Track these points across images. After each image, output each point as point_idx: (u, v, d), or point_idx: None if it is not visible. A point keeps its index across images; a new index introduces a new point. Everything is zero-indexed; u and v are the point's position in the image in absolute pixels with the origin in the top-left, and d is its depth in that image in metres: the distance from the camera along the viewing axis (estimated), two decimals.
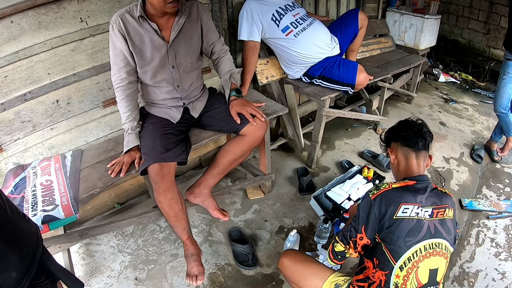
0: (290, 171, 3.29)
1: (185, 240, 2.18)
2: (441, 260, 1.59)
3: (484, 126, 4.14)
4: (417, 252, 1.54)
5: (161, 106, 2.28)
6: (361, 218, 1.66)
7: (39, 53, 2.13)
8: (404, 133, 1.78)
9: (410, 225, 1.55)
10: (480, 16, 5.24)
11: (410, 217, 1.56)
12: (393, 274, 1.55)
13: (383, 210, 1.59)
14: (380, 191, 1.64)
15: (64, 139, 2.42)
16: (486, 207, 2.88)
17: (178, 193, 2.11)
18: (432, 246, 1.56)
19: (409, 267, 1.54)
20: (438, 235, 1.58)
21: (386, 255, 1.57)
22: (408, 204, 1.58)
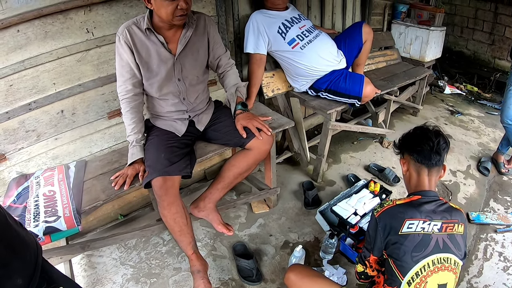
0: (296, 185, 3.26)
1: (190, 256, 2.13)
2: (450, 276, 1.56)
3: (490, 138, 4.12)
4: (425, 267, 1.52)
5: (166, 119, 2.26)
6: (371, 238, 1.66)
7: (45, 62, 2.12)
8: (418, 148, 1.71)
9: (416, 240, 1.53)
10: (485, 27, 5.24)
11: (416, 232, 1.54)
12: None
13: (387, 227, 1.59)
14: (384, 208, 1.64)
15: (68, 150, 2.41)
16: (493, 221, 2.85)
17: (183, 206, 2.09)
18: (440, 260, 1.54)
19: (417, 282, 1.52)
20: (447, 250, 1.55)
21: (393, 270, 1.56)
22: (413, 219, 1.56)
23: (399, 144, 1.86)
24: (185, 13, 1.90)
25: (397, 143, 1.88)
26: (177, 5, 1.83)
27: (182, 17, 1.91)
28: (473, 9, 5.28)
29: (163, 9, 1.85)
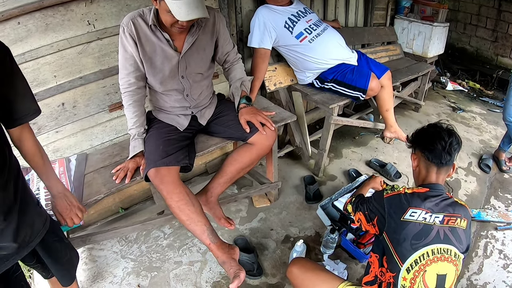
0: (297, 180, 3.26)
1: (208, 246, 1.95)
2: (449, 267, 1.56)
3: (492, 135, 4.11)
4: (424, 255, 1.54)
5: (169, 113, 2.25)
6: (372, 205, 1.77)
7: (46, 55, 2.11)
8: (431, 146, 1.72)
9: (416, 229, 1.56)
10: (488, 24, 5.22)
11: (417, 221, 1.57)
12: (400, 277, 1.55)
13: (391, 211, 1.63)
14: (394, 193, 1.69)
15: (69, 143, 2.40)
16: (494, 218, 2.85)
17: (187, 193, 1.98)
18: (440, 251, 1.55)
19: (415, 270, 1.53)
20: (448, 241, 1.56)
21: (393, 256, 1.58)
22: (416, 208, 1.59)
23: (411, 139, 1.88)
24: (183, 28, 1.88)
25: (410, 138, 1.89)
26: (178, 20, 1.79)
27: (179, 30, 1.89)
28: (476, 5, 5.26)
29: (164, 17, 1.84)
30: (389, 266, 1.61)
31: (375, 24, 4.40)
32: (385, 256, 1.64)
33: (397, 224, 1.59)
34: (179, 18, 1.74)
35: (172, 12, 1.72)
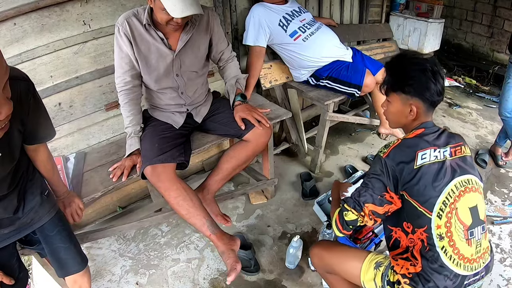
0: (293, 176, 3.27)
1: (209, 237, 2.00)
2: (476, 196, 1.52)
3: (488, 130, 4.12)
4: (450, 193, 1.46)
5: (164, 111, 2.26)
6: (373, 183, 1.55)
7: (42, 55, 2.12)
8: (425, 91, 1.54)
9: (433, 170, 1.47)
10: (484, 20, 5.22)
11: (430, 161, 1.48)
12: (433, 227, 1.46)
13: (399, 166, 1.49)
14: (391, 147, 1.54)
15: (66, 142, 2.41)
16: (490, 213, 2.86)
17: (185, 189, 2.00)
18: (462, 183, 1.49)
19: (447, 212, 1.46)
20: (464, 172, 1.50)
21: (418, 210, 1.48)
22: (424, 150, 1.49)
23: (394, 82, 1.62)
24: (178, 25, 1.90)
25: (388, 81, 1.65)
26: (173, 18, 1.82)
27: (175, 27, 1.91)
28: (472, 1, 5.26)
29: (159, 15, 1.85)
30: (416, 224, 1.50)
31: (370, 21, 4.41)
32: (407, 221, 1.53)
33: (413, 174, 1.46)
34: (174, 15, 1.76)
35: (167, 9, 1.74)
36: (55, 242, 1.65)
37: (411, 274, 1.52)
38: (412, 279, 1.51)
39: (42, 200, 1.60)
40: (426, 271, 1.48)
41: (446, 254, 1.47)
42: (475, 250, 1.50)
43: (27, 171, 1.57)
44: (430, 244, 1.48)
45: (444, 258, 1.47)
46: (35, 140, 1.52)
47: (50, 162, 1.70)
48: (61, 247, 1.66)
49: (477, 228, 1.50)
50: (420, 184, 1.46)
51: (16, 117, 1.29)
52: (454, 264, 1.47)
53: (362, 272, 1.66)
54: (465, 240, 1.48)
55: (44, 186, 1.67)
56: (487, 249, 1.57)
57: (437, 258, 1.47)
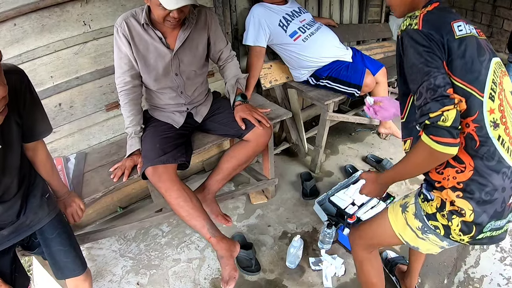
0: (294, 176, 3.28)
1: (209, 240, 2.01)
2: (509, 80, 1.37)
3: None
4: (496, 71, 1.27)
5: (164, 111, 2.27)
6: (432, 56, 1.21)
7: (42, 56, 2.12)
8: None
9: (474, 42, 1.26)
10: (483, 19, 5.21)
11: (467, 34, 1.26)
12: (485, 112, 1.23)
13: (440, 32, 1.22)
14: (420, 17, 1.26)
15: (67, 143, 2.41)
16: None
17: (185, 190, 2.02)
18: (499, 64, 1.32)
19: (498, 93, 1.26)
20: (494, 54, 1.32)
21: (468, 92, 1.22)
22: (457, 21, 1.27)
23: None
24: (176, 21, 1.89)
25: None
26: (170, 12, 1.82)
27: (172, 23, 1.91)
28: (471, 1, 5.25)
29: (155, 12, 1.85)
30: (464, 113, 1.22)
31: (370, 21, 4.40)
32: None
33: (457, 45, 1.22)
34: (169, 7, 1.76)
35: (162, 3, 1.75)
36: (55, 245, 1.64)
37: (461, 183, 1.29)
38: (465, 189, 1.29)
39: (42, 202, 1.60)
40: (482, 173, 1.26)
41: (504, 145, 1.27)
42: None
43: (29, 175, 1.58)
44: (481, 136, 1.24)
45: (502, 151, 1.26)
46: (33, 135, 1.52)
47: (49, 162, 1.70)
48: (61, 249, 1.65)
49: None
50: (467, 56, 1.23)
51: (14, 109, 1.31)
52: (511, 156, 1.28)
53: (392, 225, 1.54)
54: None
55: (45, 188, 1.67)
56: None
57: (494, 152, 1.25)
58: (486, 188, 1.26)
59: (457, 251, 2.49)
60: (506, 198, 1.30)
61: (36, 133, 1.53)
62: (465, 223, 1.31)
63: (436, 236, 1.42)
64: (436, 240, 1.44)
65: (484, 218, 1.29)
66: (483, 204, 1.28)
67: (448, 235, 1.36)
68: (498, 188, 1.27)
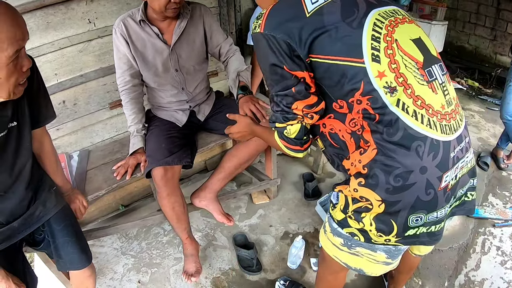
0: (296, 177, 3.27)
1: (184, 240, 2.22)
2: (416, 28, 1.17)
3: (490, 133, 4.11)
4: (376, 24, 1.07)
5: (167, 109, 2.27)
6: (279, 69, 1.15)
7: (47, 53, 2.13)
8: None
9: (337, 6, 1.08)
10: (487, 22, 5.21)
11: (326, 2, 1.09)
12: (373, 78, 1.04)
13: (285, 24, 1.09)
14: (264, 15, 1.15)
15: (70, 140, 2.42)
16: (492, 215, 2.85)
17: (181, 196, 2.13)
18: (388, 13, 1.13)
19: (385, 48, 1.05)
20: (382, 4, 1.15)
21: (342, 66, 1.06)
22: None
23: None
24: (178, 6, 1.90)
25: None
26: None
27: (174, 10, 1.91)
28: (475, 4, 5.25)
29: (156, 1, 1.86)
30: (348, 90, 1.08)
31: None
32: (334, 97, 1.15)
33: (310, 23, 1.07)
34: None
35: None
36: (62, 236, 1.65)
37: (365, 167, 1.13)
38: (368, 174, 1.12)
39: (50, 194, 1.62)
40: (385, 151, 1.08)
41: (407, 111, 1.06)
42: (444, 98, 1.13)
43: (38, 169, 1.60)
44: (378, 108, 1.06)
45: (407, 119, 1.06)
46: (39, 121, 1.54)
47: (54, 156, 1.73)
48: (68, 240, 1.66)
49: (435, 67, 1.14)
50: (328, 28, 1.05)
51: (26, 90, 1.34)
52: (425, 125, 1.07)
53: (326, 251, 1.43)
54: (426, 83, 1.09)
55: (51, 182, 1.69)
56: (457, 100, 1.21)
57: (396, 121, 1.06)
58: (395, 170, 1.08)
59: (458, 254, 2.49)
60: (433, 180, 1.09)
61: (42, 118, 1.54)
62: (379, 220, 1.15)
63: (362, 247, 1.27)
64: (369, 253, 1.28)
65: (402, 209, 1.11)
66: (395, 192, 1.10)
67: (369, 240, 1.21)
68: (412, 168, 1.07)
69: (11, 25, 1.07)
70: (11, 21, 1.07)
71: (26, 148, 1.44)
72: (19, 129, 1.38)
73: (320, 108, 1.19)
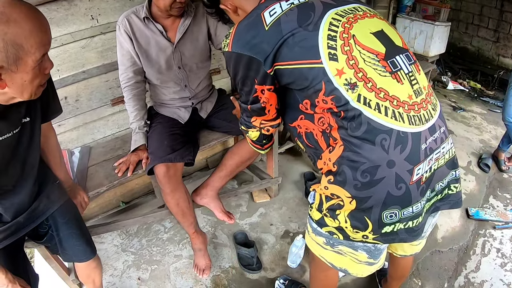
0: (297, 175, 3.27)
1: (191, 234, 2.24)
2: (378, 21, 1.17)
3: (492, 135, 4.11)
4: (333, 24, 1.08)
5: (169, 106, 2.27)
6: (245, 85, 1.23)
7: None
8: None
9: (294, 14, 1.10)
10: (490, 24, 5.21)
11: (286, 9, 1.11)
12: (332, 76, 1.05)
13: (250, 42, 1.13)
14: (232, 34, 1.19)
15: (71, 136, 2.42)
16: (492, 217, 2.85)
17: (185, 191, 2.14)
18: (347, 11, 1.13)
19: (341, 45, 1.06)
20: (341, 4, 1.16)
21: (303, 69, 1.09)
22: (269, 7, 1.14)
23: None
24: (183, 5, 1.91)
25: None
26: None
27: (179, 8, 1.92)
28: (478, 5, 5.25)
29: (161, 0, 1.87)
30: (312, 92, 1.11)
31: None
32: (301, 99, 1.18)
33: (270, 35, 1.10)
34: None
35: None
36: (67, 229, 1.65)
37: (335, 165, 1.13)
38: (337, 171, 1.13)
39: (53, 187, 1.62)
40: (351, 146, 1.09)
41: (369, 105, 1.05)
42: (411, 88, 1.11)
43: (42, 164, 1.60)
44: (342, 105, 1.06)
45: (370, 113, 1.05)
46: (48, 115, 1.55)
47: (58, 151, 1.75)
48: (73, 233, 1.67)
49: (400, 57, 1.13)
50: (286, 37, 1.08)
51: None
52: (389, 117, 1.05)
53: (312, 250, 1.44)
54: (389, 74, 1.08)
55: (54, 176, 1.70)
56: (429, 89, 1.19)
57: (359, 116, 1.05)
58: (361, 165, 1.07)
59: (458, 256, 2.49)
60: (402, 174, 1.07)
61: (51, 112, 1.55)
62: (353, 217, 1.14)
63: (343, 245, 1.27)
64: (351, 251, 1.28)
65: (374, 206, 1.10)
66: (363, 188, 1.08)
67: (348, 237, 1.20)
68: (379, 163, 1.05)
69: (40, 30, 1.08)
70: (39, 26, 1.08)
71: (36, 143, 1.45)
72: (32, 124, 1.39)
73: (276, 123, 1.38)
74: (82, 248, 1.72)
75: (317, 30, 1.07)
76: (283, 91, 1.25)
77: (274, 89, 1.22)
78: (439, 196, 1.26)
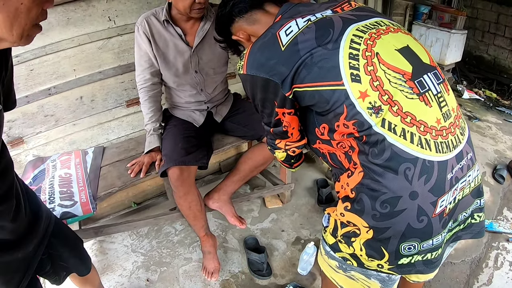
0: (310, 182, 3.25)
1: (202, 237, 2.24)
2: (403, 36, 1.10)
3: (507, 145, 4.05)
4: (354, 41, 1.02)
5: (184, 109, 2.27)
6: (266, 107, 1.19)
7: (66, 49, 2.15)
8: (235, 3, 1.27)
9: (311, 31, 1.04)
10: (507, 32, 5.15)
11: (302, 27, 1.05)
12: (355, 100, 0.98)
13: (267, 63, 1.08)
14: (246, 56, 1.14)
15: (86, 136, 2.43)
16: (506, 229, 2.80)
17: (198, 195, 2.14)
18: (369, 26, 1.07)
19: (364, 65, 0.99)
20: (366, 18, 1.10)
21: (324, 91, 1.01)
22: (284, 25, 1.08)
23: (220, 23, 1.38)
24: (202, 7, 1.91)
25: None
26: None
27: (199, 10, 1.91)
28: (495, 13, 5.20)
29: (181, 2, 1.86)
30: (333, 116, 1.03)
31: None
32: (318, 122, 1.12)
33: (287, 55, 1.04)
34: None
35: None
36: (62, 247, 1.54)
37: (353, 191, 1.07)
38: (355, 199, 1.07)
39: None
40: (371, 174, 1.02)
41: (395, 130, 0.98)
42: (439, 111, 1.02)
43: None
44: (364, 130, 1.00)
45: (394, 139, 0.97)
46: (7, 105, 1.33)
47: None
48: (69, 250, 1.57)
49: (428, 76, 1.05)
50: (304, 57, 1.02)
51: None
52: (415, 144, 0.98)
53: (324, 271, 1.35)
54: (417, 96, 1.00)
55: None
56: (458, 111, 1.10)
57: (382, 141, 0.98)
58: (381, 195, 1.00)
59: (470, 268, 2.45)
60: (425, 207, 1.00)
61: (9, 103, 1.34)
62: (369, 245, 1.08)
63: (356, 271, 1.19)
64: (363, 278, 1.20)
65: (392, 237, 1.03)
66: (383, 219, 1.02)
67: (362, 265, 1.13)
68: (401, 194, 0.99)
69: None
70: None
71: None
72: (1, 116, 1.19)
73: (302, 144, 1.30)
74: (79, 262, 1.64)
75: (338, 49, 1.00)
76: (303, 111, 1.18)
77: (295, 112, 1.16)
78: (461, 226, 1.20)
